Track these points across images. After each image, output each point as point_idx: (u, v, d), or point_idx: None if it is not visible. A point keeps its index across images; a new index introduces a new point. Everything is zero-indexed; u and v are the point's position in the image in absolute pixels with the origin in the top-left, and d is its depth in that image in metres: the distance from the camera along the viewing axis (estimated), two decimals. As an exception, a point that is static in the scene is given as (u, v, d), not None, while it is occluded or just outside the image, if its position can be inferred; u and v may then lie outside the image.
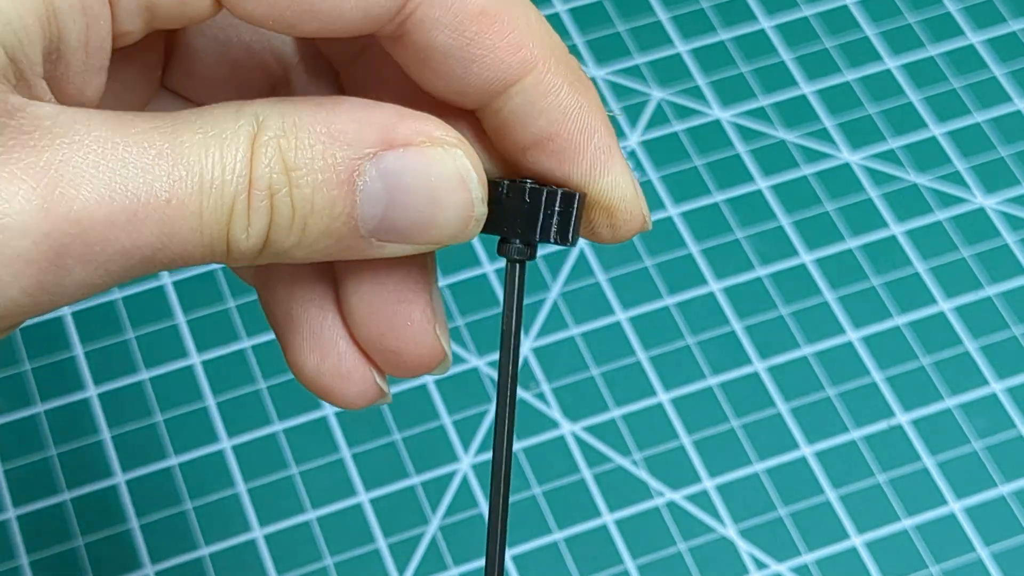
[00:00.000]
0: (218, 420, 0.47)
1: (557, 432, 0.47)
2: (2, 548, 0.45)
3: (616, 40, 0.55)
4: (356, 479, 0.46)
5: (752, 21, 0.55)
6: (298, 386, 0.29)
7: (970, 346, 0.49)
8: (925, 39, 0.55)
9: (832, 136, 0.53)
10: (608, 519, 0.46)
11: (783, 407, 0.47)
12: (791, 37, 0.55)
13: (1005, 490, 0.46)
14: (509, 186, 0.26)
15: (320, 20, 0.24)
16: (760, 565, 0.45)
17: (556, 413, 0.47)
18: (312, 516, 0.46)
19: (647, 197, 0.52)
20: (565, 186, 0.26)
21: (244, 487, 0.46)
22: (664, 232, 0.51)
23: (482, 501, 0.46)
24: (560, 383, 0.48)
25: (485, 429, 0.47)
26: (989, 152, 0.52)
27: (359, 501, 0.46)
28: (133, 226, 0.23)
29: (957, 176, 0.52)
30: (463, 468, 0.46)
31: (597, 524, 0.46)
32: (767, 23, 0.55)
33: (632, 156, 0.52)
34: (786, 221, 0.51)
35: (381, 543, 0.45)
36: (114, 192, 0.22)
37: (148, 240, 0.23)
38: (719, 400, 0.48)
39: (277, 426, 0.47)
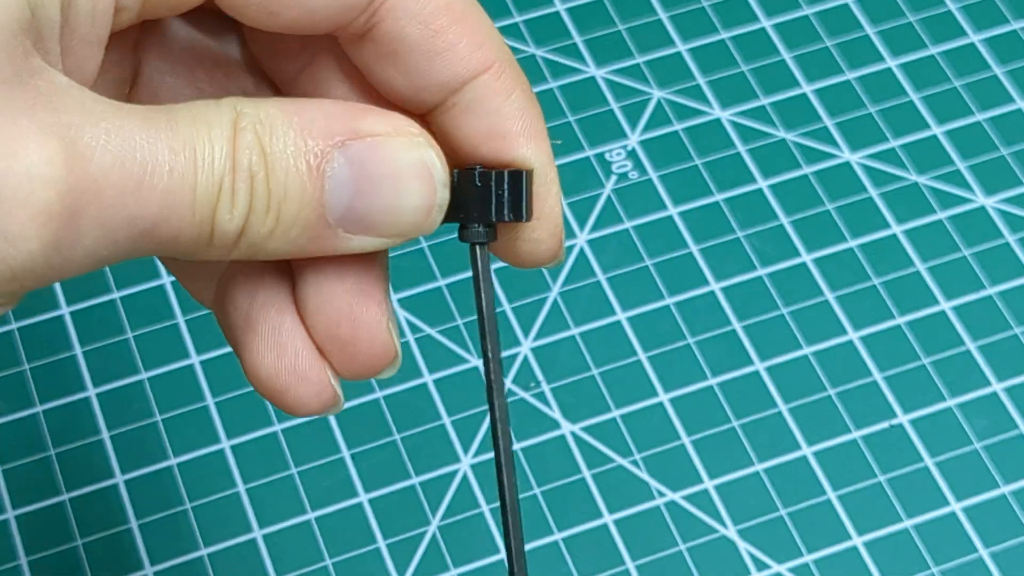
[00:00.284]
0: (218, 420, 0.47)
1: (557, 432, 0.47)
2: (1, 548, 0.45)
3: (616, 39, 0.55)
4: (356, 479, 0.46)
5: (752, 20, 0.55)
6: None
7: (971, 346, 0.49)
8: (926, 38, 0.55)
9: (832, 135, 0.53)
10: (608, 519, 0.46)
11: (783, 407, 0.47)
12: (791, 36, 0.55)
13: (1006, 490, 0.46)
14: (460, 174, 0.27)
15: (300, 6, 0.26)
16: (760, 565, 0.45)
17: (556, 413, 0.47)
18: (312, 516, 0.46)
19: (647, 196, 0.52)
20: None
21: (244, 487, 0.46)
22: (664, 232, 0.51)
23: (482, 501, 0.46)
24: (560, 383, 0.48)
25: (485, 429, 0.47)
26: (990, 152, 0.52)
27: (359, 501, 0.46)
28: (140, 194, 0.24)
29: (958, 176, 0.52)
30: (463, 468, 0.46)
31: (597, 524, 0.46)
32: (767, 22, 0.55)
33: (632, 155, 0.52)
34: (786, 221, 0.51)
35: (381, 543, 0.45)
36: (125, 158, 0.24)
37: (152, 210, 0.24)
38: (719, 400, 0.48)
39: (277, 426, 0.47)
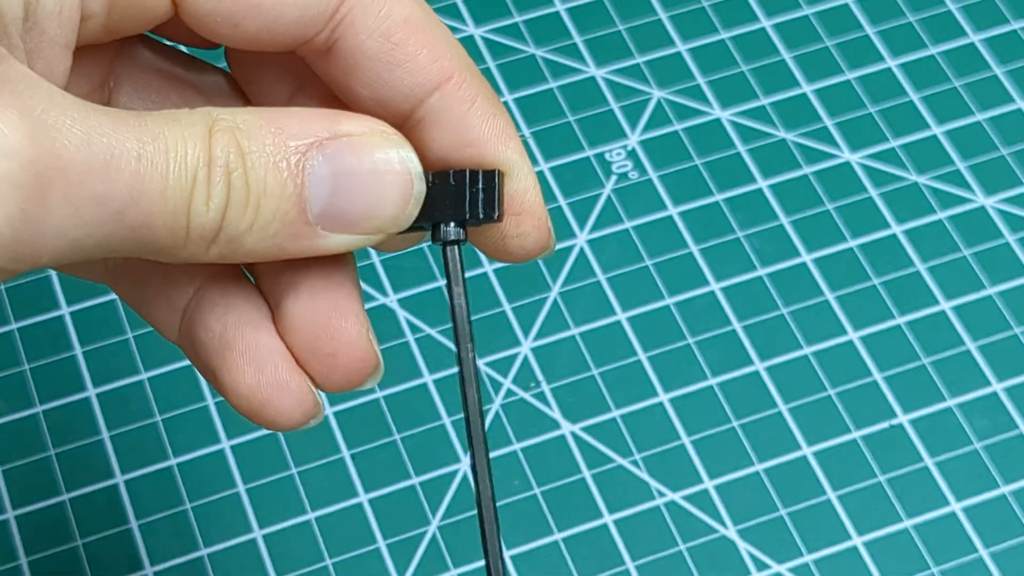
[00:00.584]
0: (218, 420, 0.47)
1: (557, 432, 0.47)
2: (1, 548, 0.45)
3: (616, 39, 0.55)
4: (356, 479, 0.46)
5: (752, 20, 0.55)
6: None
7: (971, 346, 0.49)
8: (926, 38, 0.55)
9: (833, 135, 0.53)
10: (608, 519, 0.46)
11: (783, 407, 0.47)
12: (791, 36, 0.55)
13: (1006, 490, 0.46)
14: (434, 175, 0.27)
15: (262, 15, 0.27)
16: (760, 565, 0.45)
17: (556, 413, 0.47)
18: (312, 516, 0.46)
19: (647, 196, 0.52)
20: None
21: (244, 487, 0.46)
22: (664, 232, 0.51)
23: (482, 501, 0.46)
24: (560, 383, 0.48)
25: (485, 428, 0.47)
26: (990, 151, 0.52)
27: (359, 501, 0.46)
28: (108, 175, 0.24)
29: (958, 175, 0.52)
30: (463, 468, 0.46)
31: (597, 524, 0.46)
32: (767, 22, 0.55)
33: (632, 155, 0.52)
34: (786, 221, 0.51)
35: (381, 543, 0.45)
36: (91, 142, 0.24)
37: (121, 192, 0.24)
38: (719, 400, 0.48)
39: (277, 426, 0.47)
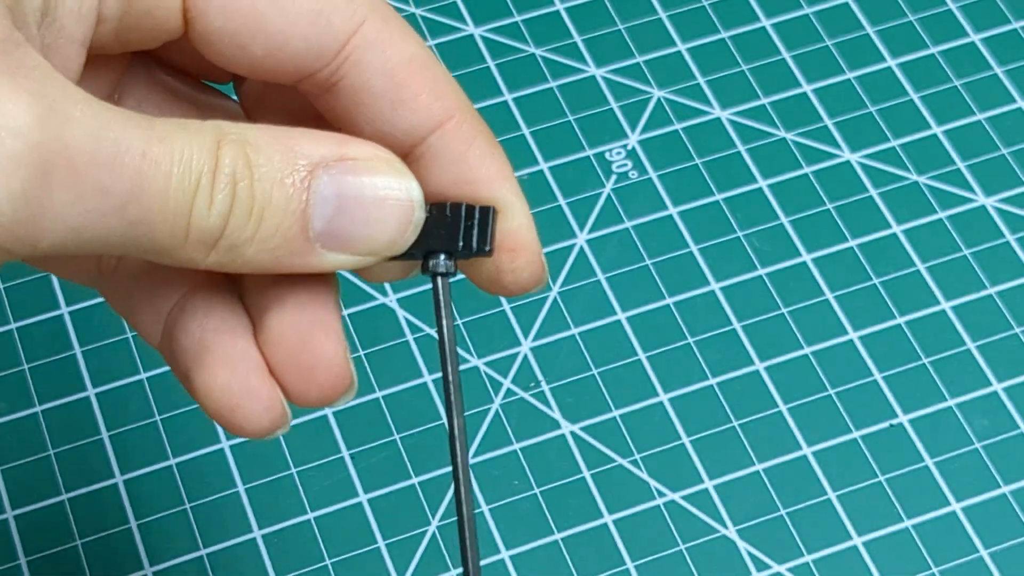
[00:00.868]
0: (217, 420, 0.47)
1: (557, 432, 0.47)
2: (1, 548, 0.45)
3: (616, 39, 0.55)
4: (356, 479, 0.46)
5: (752, 20, 0.55)
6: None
7: (971, 346, 0.48)
8: (926, 38, 0.55)
9: (833, 135, 0.53)
10: (608, 519, 0.46)
11: (783, 407, 0.47)
12: (791, 36, 0.55)
13: (1006, 490, 0.46)
14: (431, 206, 0.28)
15: (268, 42, 0.27)
16: (760, 565, 0.45)
17: (556, 413, 0.47)
18: (312, 516, 0.46)
19: (647, 196, 0.52)
20: None
21: (243, 487, 0.46)
22: (664, 232, 0.51)
23: (482, 501, 0.46)
24: (560, 383, 0.48)
25: (485, 428, 0.47)
26: (990, 151, 0.52)
27: (359, 501, 0.46)
28: (112, 168, 0.24)
29: (958, 175, 0.52)
30: (463, 468, 0.46)
31: (597, 524, 0.46)
32: (767, 22, 0.55)
33: (632, 155, 0.52)
34: (786, 220, 0.51)
35: (381, 543, 0.45)
36: (99, 134, 0.24)
37: (123, 186, 0.24)
38: (719, 400, 0.48)
39: (276, 426, 0.47)
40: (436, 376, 0.48)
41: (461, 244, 0.28)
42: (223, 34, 0.28)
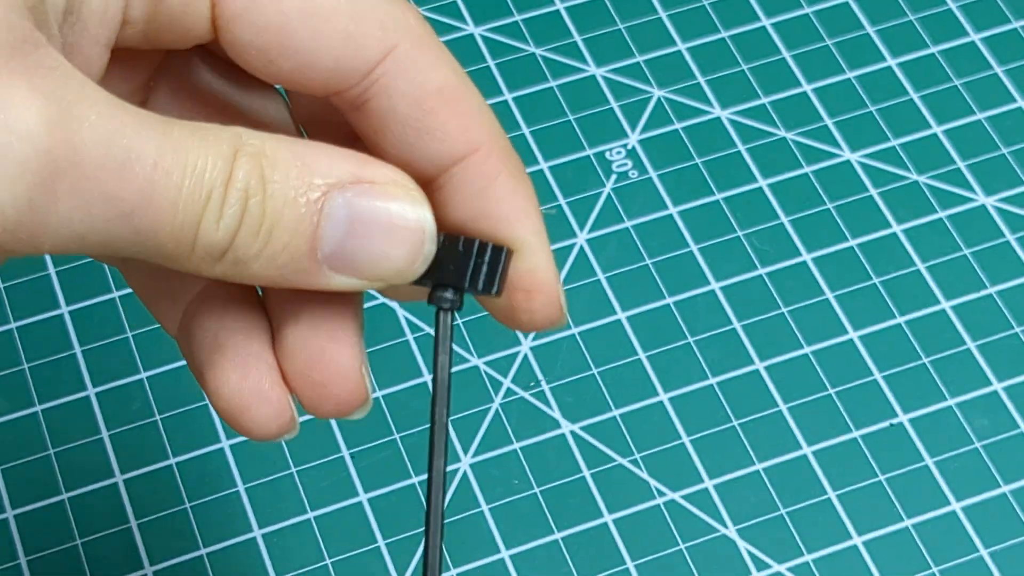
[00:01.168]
0: (217, 420, 0.47)
1: (557, 431, 0.47)
2: (1, 548, 0.45)
3: (616, 38, 0.55)
4: (356, 479, 0.46)
5: (753, 19, 0.55)
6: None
7: (971, 345, 0.48)
8: (926, 37, 0.55)
9: (833, 135, 0.53)
10: (608, 519, 0.46)
11: (783, 407, 0.47)
12: (791, 35, 0.55)
13: (1006, 490, 0.46)
14: (445, 236, 0.28)
15: (296, 59, 0.27)
16: (760, 565, 0.45)
17: (556, 413, 0.47)
18: (312, 516, 0.46)
19: (647, 196, 0.52)
20: None
21: (243, 487, 0.46)
22: (664, 231, 0.51)
23: (482, 501, 0.46)
24: (560, 382, 0.48)
25: (485, 429, 0.47)
26: (990, 151, 0.52)
27: (359, 501, 0.46)
28: (122, 176, 0.24)
29: (958, 175, 0.52)
30: (463, 468, 0.46)
31: (597, 524, 0.46)
32: (767, 21, 0.55)
33: (632, 154, 0.52)
34: (786, 220, 0.51)
35: (381, 543, 0.45)
36: (111, 142, 0.24)
37: (131, 194, 0.24)
38: (719, 400, 0.48)
39: (276, 426, 0.47)
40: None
41: (468, 282, 0.28)
42: (251, 47, 0.27)
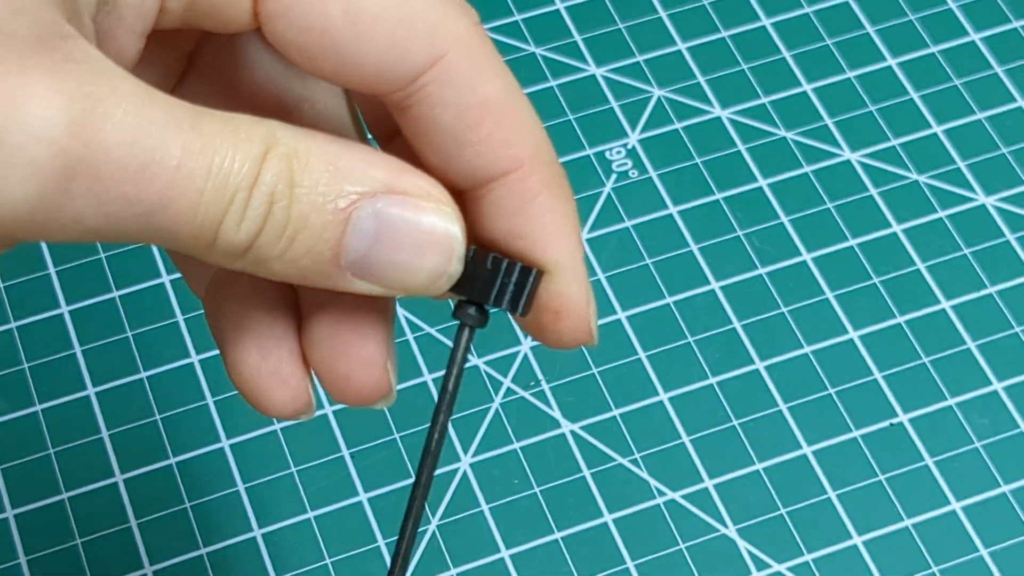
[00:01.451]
0: (217, 419, 0.47)
1: (557, 431, 0.47)
2: (1, 547, 0.45)
3: (616, 38, 0.55)
4: (356, 478, 0.46)
5: (753, 19, 0.55)
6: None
7: (971, 345, 0.48)
8: (926, 37, 0.55)
9: (833, 134, 0.53)
10: (608, 518, 0.46)
11: (783, 406, 0.47)
12: (792, 35, 0.55)
13: (1006, 489, 0.46)
14: (476, 251, 0.27)
15: (338, 61, 0.26)
16: (760, 564, 0.45)
17: (556, 412, 0.47)
18: (312, 515, 0.46)
19: (647, 195, 0.52)
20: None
21: (243, 486, 0.46)
22: (664, 231, 0.51)
23: (482, 500, 0.46)
24: (560, 382, 0.48)
25: (485, 428, 0.47)
26: (990, 150, 0.52)
27: (359, 500, 0.46)
28: (142, 178, 0.24)
29: (958, 174, 0.52)
30: (463, 467, 0.46)
31: (597, 523, 0.46)
32: (767, 21, 0.55)
33: (632, 154, 0.52)
34: (786, 219, 0.51)
35: (381, 542, 0.45)
36: (134, 141, 0.23)
37: (150, 197, 0.24)
38: (719, 399, 0.48)
39: (276, 425, 0.47)
40: (436, 375, 0.48)
41: (493, 300, 0.27)
42: (293, 45, 0.26)
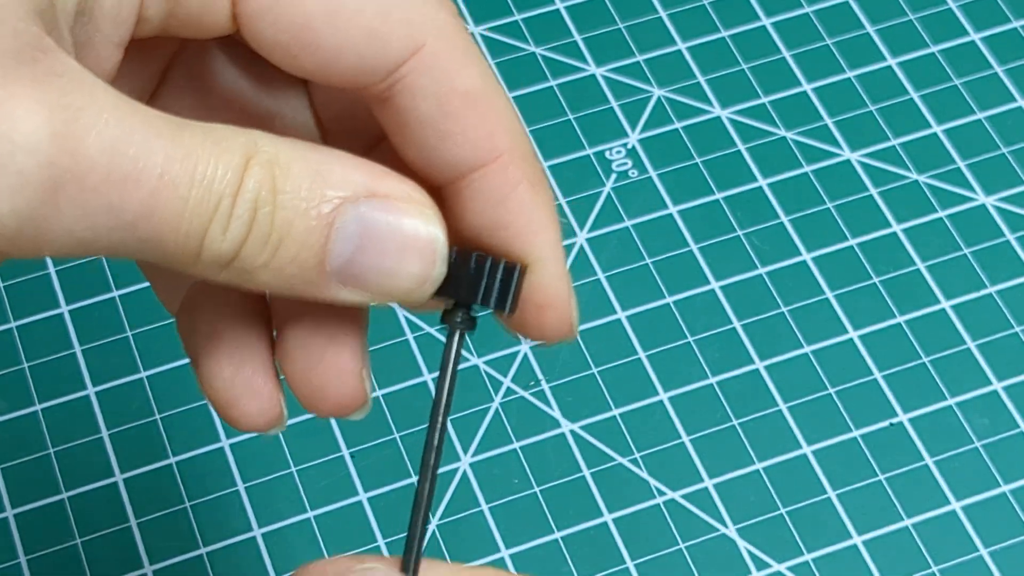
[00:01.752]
0: (217, 419, 0.47)
1: (557, 431, 0.47)
2: (1, 547, 0.45)
3: (616, 37, 0.55)
4: (355, 478, 0.46)
5: (753, 19, 0.55)
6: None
7: (971, 345, 0.48)
8: (926, 37, 0.55)
9: (833, 134, 0.53)
10: (608, 518, 0.46)
11: (783, 406, 0.47)
12: (792, 35, 0.55)
13: (1006, 489, 0.46)
14: (458, 252, 0.27)
15: (319, 56, 0.26)
16: (760, 564, 0.45)
17: (556, 412, 0.47)
18: (311, 515, 0.46)
19: (647, 195, 0.52)
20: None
21: (243, 486, 0.46)
22: (664, 230, 0.51)
23: (482, 500, 0.46)
24: (560, 382, 0.48)
25: (485, 428, 0.47)
26: (990, 150, 0.52)
27: (359, 500, 0.46)
28: (126, 186, 0.24)
29: (958, 174, 0.52)
30: (463, 467, 0.46)
31: (597, 523, 0.46)
32: (767, 20, 0.55)
33: (632, 154, 0.52)
34: (786, 219, 0.51)
35: (381, 542, 0.45)
36: (116, 150, 0.24)
37: (135, 205, 0.24)
38: (719, 399, 0.48)
39: (276, 425, 0.47)
40: (435, 375, 0.48)
41: (480, 299, 0.27)
42: (274, 43, 0.27)
